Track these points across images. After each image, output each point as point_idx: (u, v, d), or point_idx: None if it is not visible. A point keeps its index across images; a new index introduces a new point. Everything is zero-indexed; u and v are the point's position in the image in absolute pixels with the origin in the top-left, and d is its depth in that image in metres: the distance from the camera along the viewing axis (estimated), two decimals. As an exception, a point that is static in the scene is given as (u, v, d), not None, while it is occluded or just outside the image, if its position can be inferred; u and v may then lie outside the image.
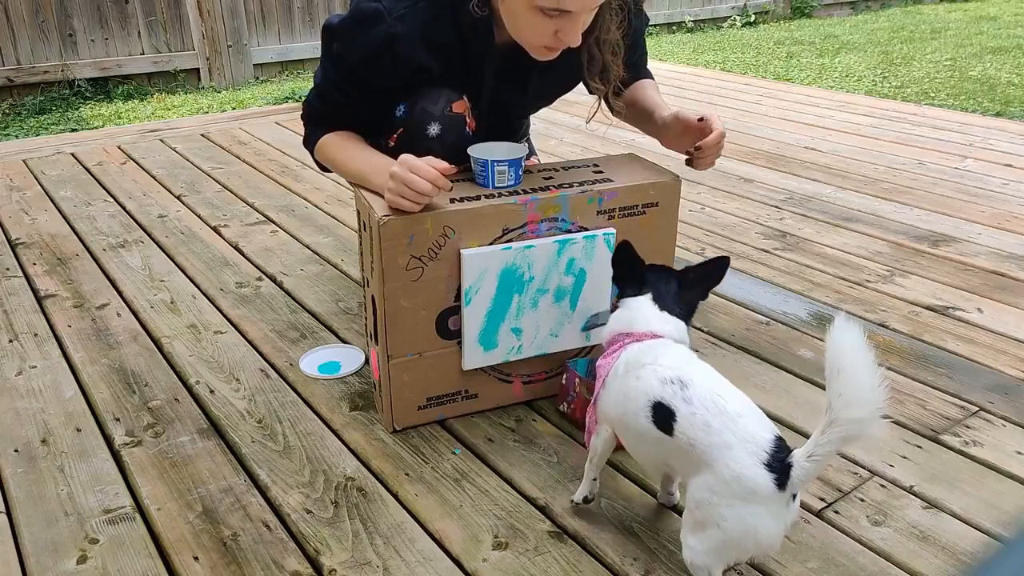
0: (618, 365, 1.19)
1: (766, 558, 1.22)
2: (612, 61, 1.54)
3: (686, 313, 1.25)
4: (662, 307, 1.23)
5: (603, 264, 1.50)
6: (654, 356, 1.16)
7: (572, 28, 1.37)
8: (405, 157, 1.36)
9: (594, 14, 1.41)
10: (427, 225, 1.38)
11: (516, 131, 1.85)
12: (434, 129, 1.53)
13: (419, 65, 1.49)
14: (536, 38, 1.41)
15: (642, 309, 1.24)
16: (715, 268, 1.26)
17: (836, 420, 0.95)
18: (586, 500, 1.31)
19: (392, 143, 1.59)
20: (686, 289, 1.26)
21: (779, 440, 1.04)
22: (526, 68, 1.54)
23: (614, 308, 1.29)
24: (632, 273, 1.27)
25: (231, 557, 1.24)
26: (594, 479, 1.30)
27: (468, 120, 1.58)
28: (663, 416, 1.10)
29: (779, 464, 1.01)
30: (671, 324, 1.22)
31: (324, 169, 1.72)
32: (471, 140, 1.55)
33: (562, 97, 1.76)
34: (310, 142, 1.67)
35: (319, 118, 1.64)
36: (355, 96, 1.57)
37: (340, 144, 1.61)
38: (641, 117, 1.68)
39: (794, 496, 1.04)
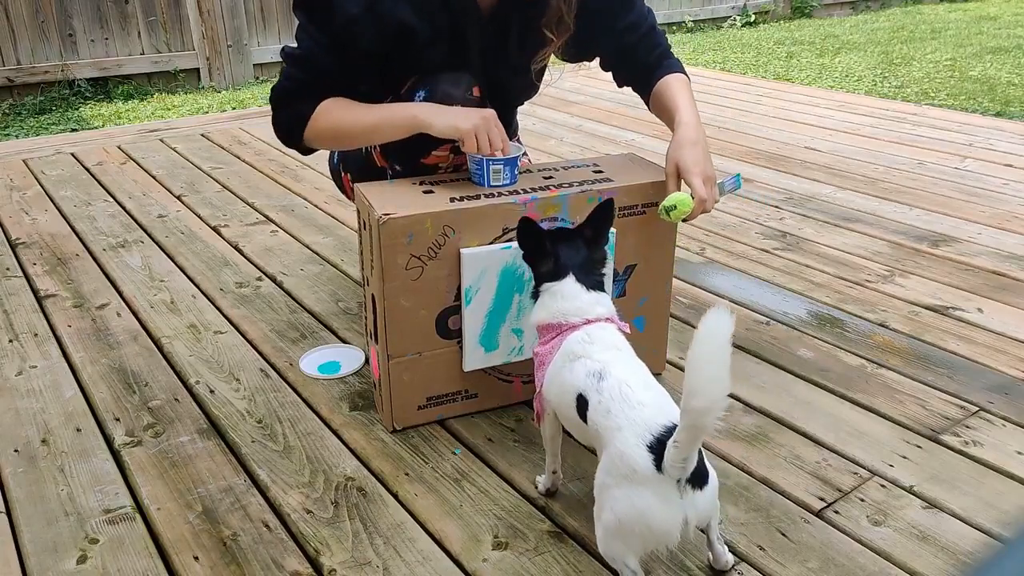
0: (557, 358, 1.24)
1: (765, 558, 1.22)
2: (566, 13, 1.52)
3: (602, 276, 1.30)
4: (587, 286, 1.27)
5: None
6: (587, 348, 1.21)
7: None
8: (490, 112, 1.44)
9: None
10: (427, 224, 1.38)
11: (509, 123, 1.84)
12: None
13: (401, 22, 1.46)
14: None
15: (570, 295, 1.27)
16: (603, 213, 1.30)
17: (684, 409, 0.97)
18: (548, 492, 1.36)
19: None
20: (593, 248, 1.30)
21: (673, 427, 1.04)
22: (504, 37, 1.53)
23: (536, 294, 1.31)
24: (541, 249, 1.29)
25: (231, 557, 1.24)
26: (554, 472, 1.35)
27: (487, 107, 1.54)
28: (582, 406, 1.17)
29: (661, 446, 1.02)
30: (601, 304, 1.27)
31: (308, 151, 1.62)
32: None
33: (562, 98, 1.75)
34: (297, 120, 1.55)
35: (305, 90, 1.54)
36: (343, 61, 1.50)
37: (344, 106, 1.53)
38: (664, 115, 1.66)
39: (696, 486, 1.04)
